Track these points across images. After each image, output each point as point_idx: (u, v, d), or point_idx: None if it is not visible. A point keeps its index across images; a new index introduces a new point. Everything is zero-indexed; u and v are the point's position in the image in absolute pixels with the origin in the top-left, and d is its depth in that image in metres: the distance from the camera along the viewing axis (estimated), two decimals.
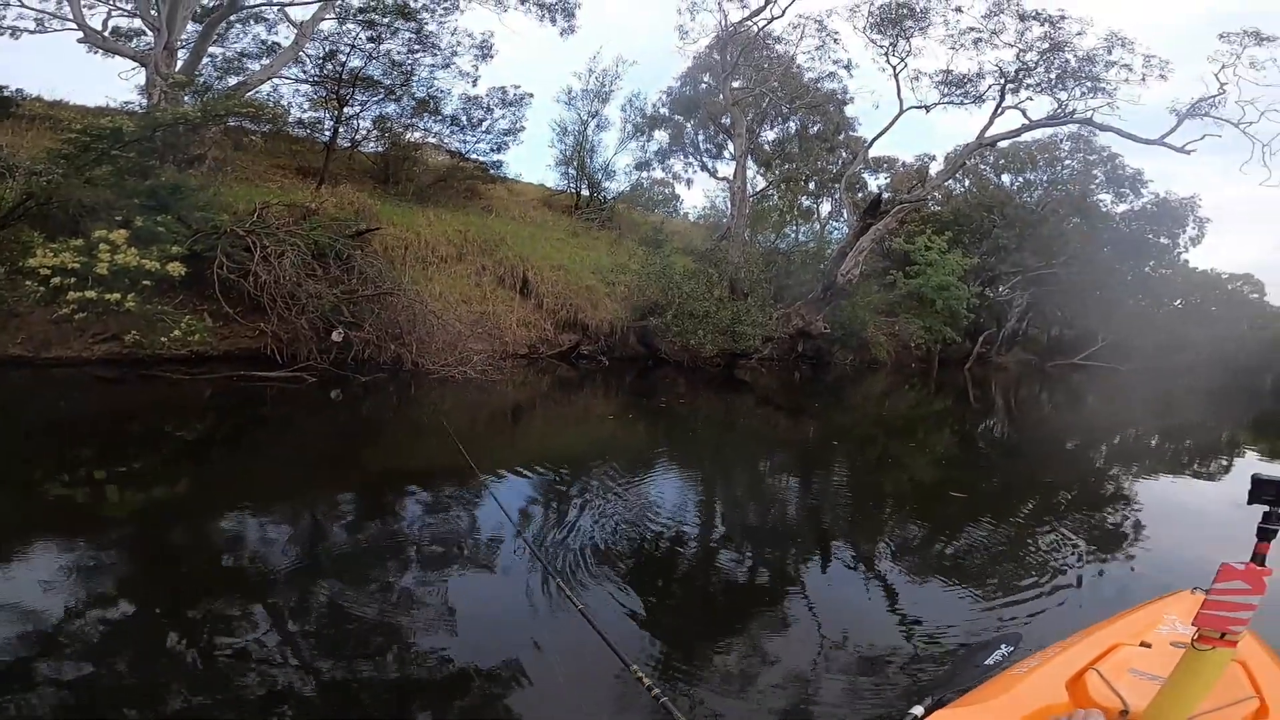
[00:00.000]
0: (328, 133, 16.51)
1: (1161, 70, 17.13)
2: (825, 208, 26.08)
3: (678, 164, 25.39)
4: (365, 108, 17.09)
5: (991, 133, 19.09)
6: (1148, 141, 17.73)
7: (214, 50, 15.12)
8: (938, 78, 19.07)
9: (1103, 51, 17.21)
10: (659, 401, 11.45)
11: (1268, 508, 1.51)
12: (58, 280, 7.97)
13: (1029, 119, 18.56)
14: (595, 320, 14.83)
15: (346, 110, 16.42)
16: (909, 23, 18.34)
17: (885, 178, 26.69)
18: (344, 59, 15.71)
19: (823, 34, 20.53)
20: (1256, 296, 33.90)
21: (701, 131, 24.18)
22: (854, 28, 21.02)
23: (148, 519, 4.16)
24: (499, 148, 19.09)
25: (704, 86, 22.87)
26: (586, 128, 21.78)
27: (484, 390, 10.01)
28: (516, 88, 18.47)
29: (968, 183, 26.79)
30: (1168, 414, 15.80)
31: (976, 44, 18.17)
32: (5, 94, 12.12)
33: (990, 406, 15.71)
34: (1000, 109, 18.55)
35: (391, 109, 17.37)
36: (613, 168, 22.98)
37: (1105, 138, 21.73)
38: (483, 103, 18.30)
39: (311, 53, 15.62)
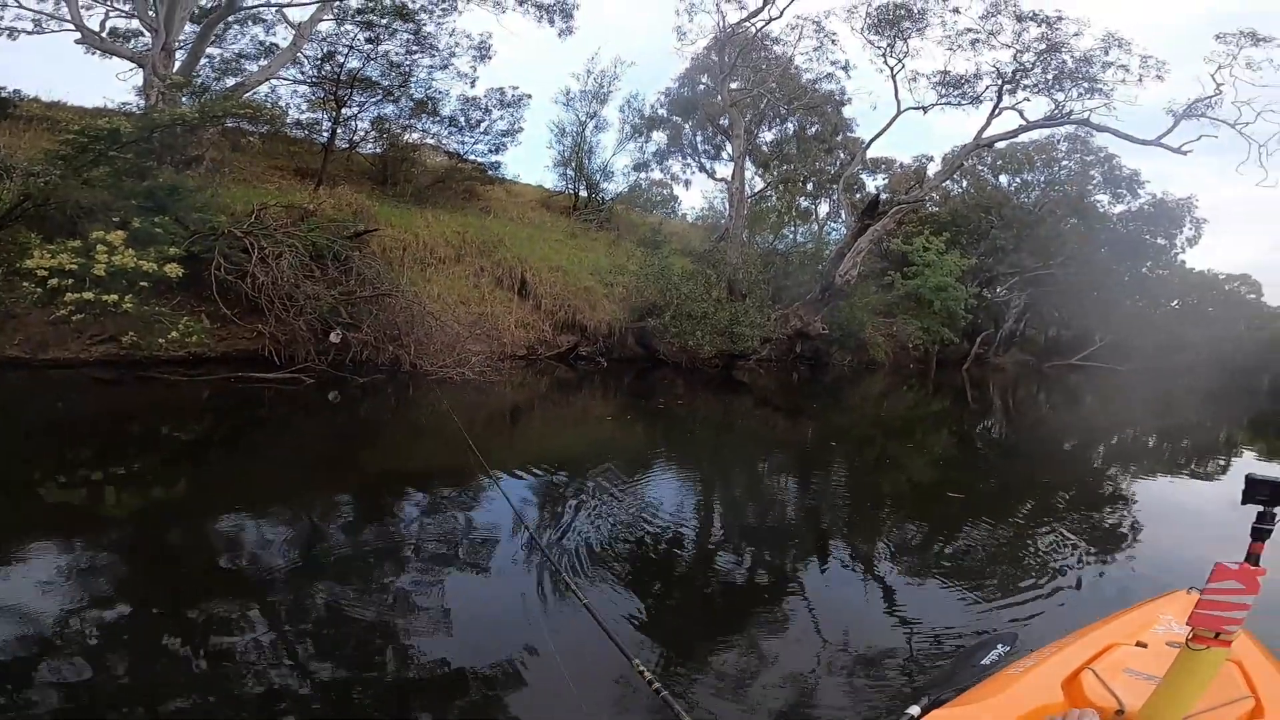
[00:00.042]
0: (326, 134, 16.54)
1: (1158, 71, 17.22)
2: (823, 208, 26.18)
3: (676, 165, 25.48)
4: (363, 109, 17.13)
5: (989, 134, 19.17)
6: (1144, 142, 17.81)
7: (212, 51, 15.15)
8: (935, 79, 19.17)
9: (1099, 52, 17.31)
10: (657, 402, 11.45)
11: (1262, 507, 1.52)
12: (55, 281, 7.97)
13: (1026, 120, 18.65)
14: (593, 321, 14.83)
15: (344, 111, 16.43)
16: (906, 24, 18.40)
17: (883, 179, 26.78)
18: (342, 60, 15.75)
19: (821, 35, 20.64)
20: (1254, 297, 33.98)
21: (699, 132, 24.24)
22: (852, 29, 21.22)
23: (146, 520, 4.15)
24: (497, 149, 19.14)
25: (702, 88, 22.91)
26: (585, 129, 21.84)
27: (482, 391, 10.01)
28: (515, 89, 18.51)
29: (965, 183, 26.83)
30: (1165, 414, 15.82)
31: (974, 45, 18.26)
32: (3, 95, 12.12)
33: (988, 407, 15.72)
34: (997, 110, 18.62)
35: (389, 110, 17.42)
36: (611, 169, 23.04)
37: (1102, 138, 21.79)
38: (481, 104, 18.34)
39: (309, 54, 15.66)
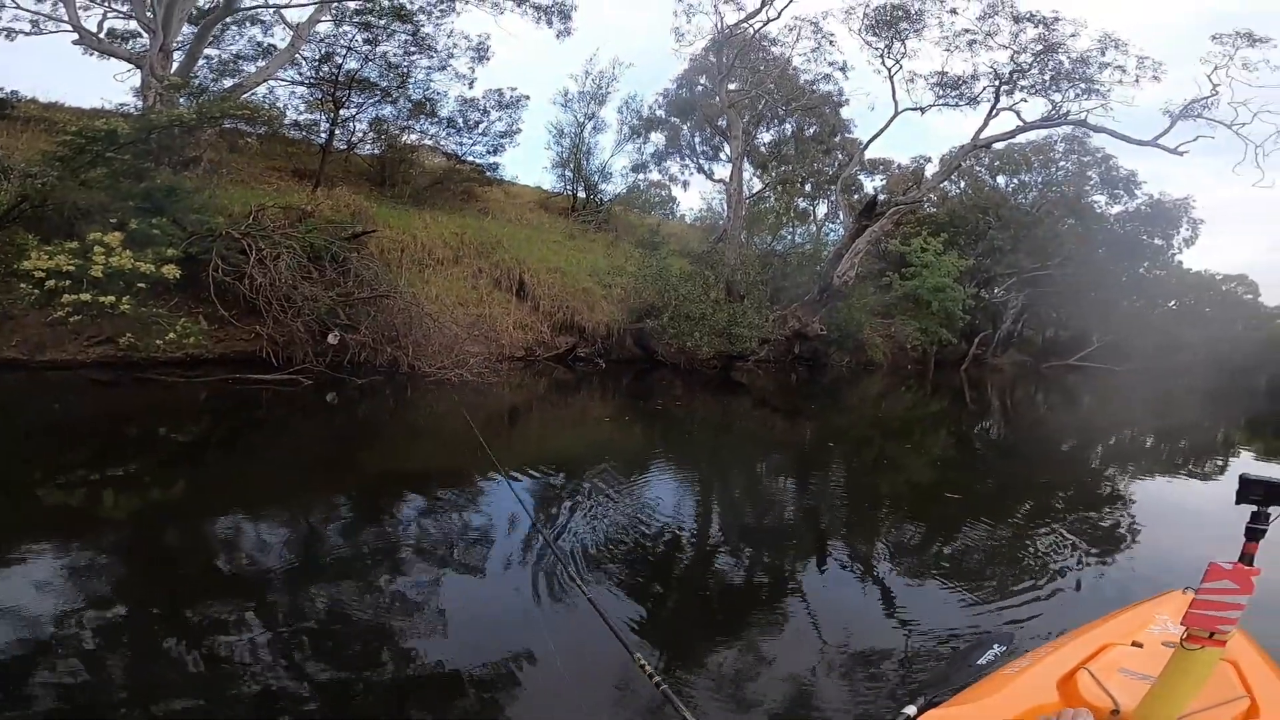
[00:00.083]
0: (324, 135, 16.53)
1: (1155, 72, 17.26)
2: (821, 209, 26.19)
3: (674, 166, 25.52)
4: (361, 110, 17.14)
5: (986, 134, 19.20)
6: (1141, 143, 17.84)
7: (210, 52, 15.13)
8: (933, 79, 19.19)
9: (1096, 53, 17.35)
10: (655, 404, 11.45)
11: (1256, 507, 1.52)
12: (52, 283, 7.95)
13: (1023, 121, 18.68)
14: (592, 323, 14.84)
15: (343, 112, 16.44)
16: (904, 25, 18.43)
17: (881, 179, 26.81)
18: (340, 61, 15.76)
19: (818, 36, 20.67)
20: (1250, 297, 34.04)
21: (698, 133, 24.27)
22: (849, 30, 21.06)
23: (143, 522, 4.15)
24: (495, 150, 19.16)
25: (700, 89, 22.95)
26: (583, 130, 21.84)
27: (480, 393, 10.00)
28: (513, 90, 18.53)
29: (963, 184, 26.88)
30: (1163, 415, 15.85)
31: (971, 46, 18.29)
32: (1, 96, 12.11)
33: (986, 408, 15.74)
34: (995, 111, 18.66)
35: (388, 111, 17.43)
36: (609, 170, 23.06)
37: (1099, 139, 21.82)
38: (479, 105, 18.35)
39: (307, 55, 15.65)
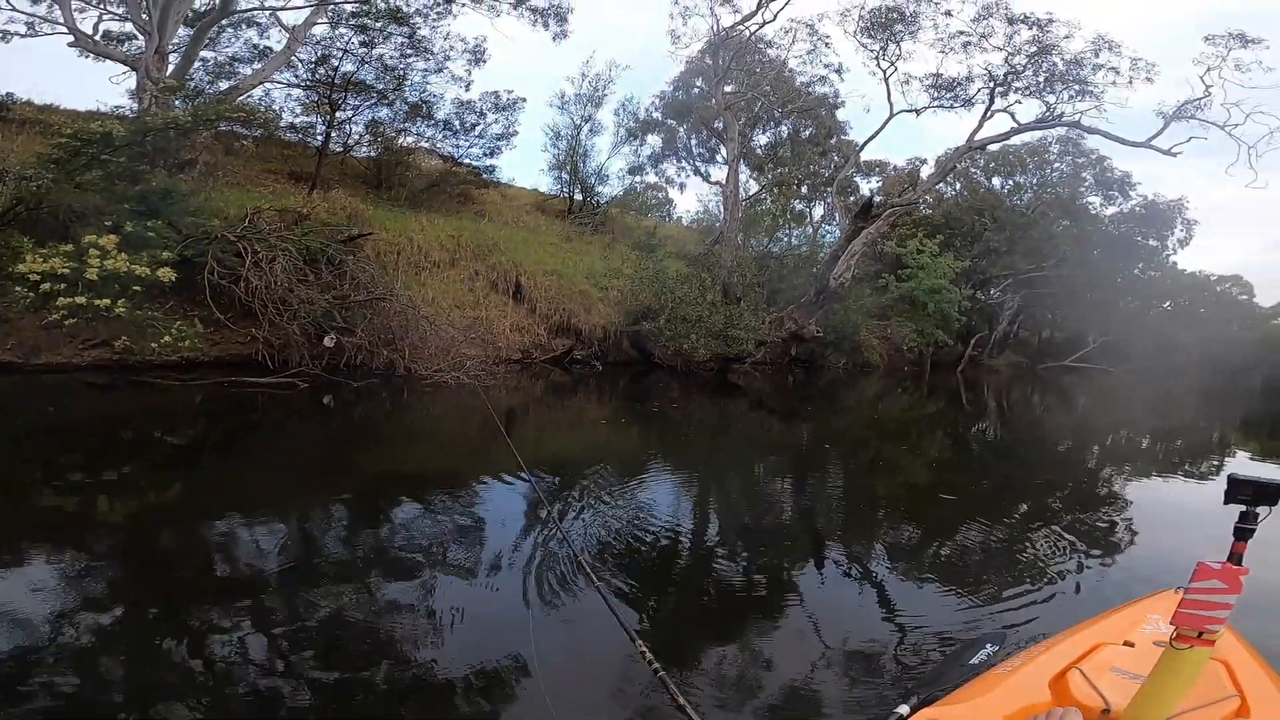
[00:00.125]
0: (320, 137, 16.53)
1: (1148, 73, 17.35)
2: (818, 211, 26.28)
3: (671, 168, 25.57)
4: (358, 112, 17.16)
5: (981, 136, 19.26)
6: (1135, 144, 17.90)
7: (205, 54, 15.11)
8: (928, 81, 19.26)
9: (1090, 54, 17.41)
10: (652, 406, 11.45)
11: (1244, 507, 1.53)
12: (47, 286, 7.93)
13: (1018, 122, 18.74)
14: (588, 325, 14.84)
15: (339, 115, 16.45)
16: (899, 27, 18.49)
17: (877, 181, 26.89)
18: (336, 63, 15.75)
19: (814, 38, 20.72)
20: (1245, 298, 34.23)
21: (694, 136, 24.30)
22: (845, 32, 21.20)
23: (139, 525, 4.14)
24: (492, 152, 19.18)
25: (696, 91, 22.99)
26: (579, 132, 21.89)
27: (477, 395, 9.99)
28: (510, 92, 18.57)
29: (958, 186, 26.98)
30: (1159, 415, 15.89)
31: (966, 48, 18.35)
32: None
33: (982, 409, 15.76)
34: (989, 112, 18.72)
35: (384, 113, 17.46)
36: (606, 172, 23.15)
37: (1094, 141, 21.98)
38: (476, 107, 18.38)
39: (304, 57, 15.66)
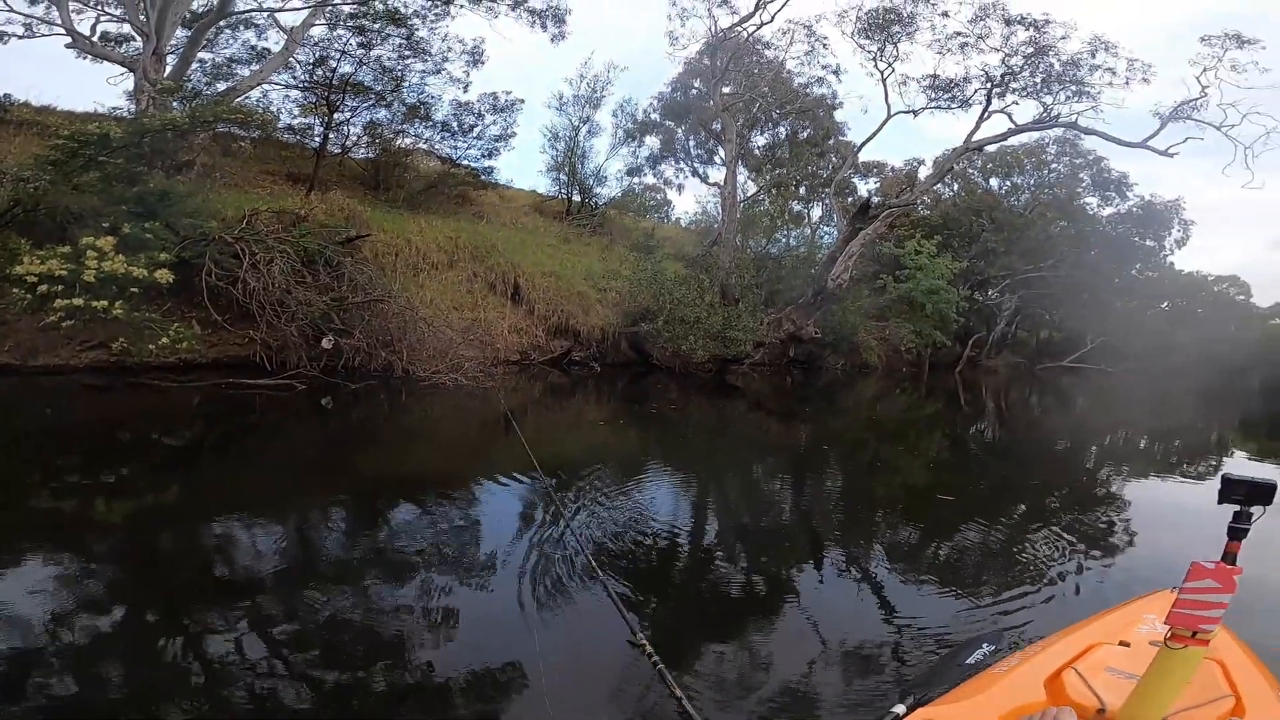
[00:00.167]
0: (318, 139, 16.49)
1: (1144, 74, 17.32)
2: (816, 212, 26.28)
3: (669, 169, 25.50)
4: (356, 114, 17.12)
5: (978, 137, 19.26)
6: (1131, 145, 17.90)
7: (203, 56, 15.06)
8: (925, 82, 19.21)
9: (1086, 55, 17.39)
10: (650, 407, 11.46)
11: (1238, 507, 1.54)
12: (45, 288, 7.93)
13: (1015, 123, 18.72)
14: (587, 326, 14.84)
15: (337, 116, 16.42)
16: (896, 28, 18.47)
17: (875, 182, 26.89)
18: (334, 65, 15.73)
19: (811, 39, 20.69)
20: (1243, 298, 34.25)
21: (692, 137, 24.28)
22: (842, 33, 21.06)
23: (137, 527, 4.14)
24: (490, 154, 19.12)
25: (694, 92, 22.98)
26: (578, 133, 21.86)
27: (475, 397, 9.99)
28: (508, 93, 18.52)
29: (956, 187, 27.01)
30: (1157, 415, 15.92)
31: (963, 49, 18.31)
32: None
33: (980, 410, 15.78)
34: (987, 113, 18.71)
35: (382, 115, 17.40)
36: (604, 173, 23.12)
37: (1091, 141, 21.92)
38: (474, 108, 18.34)
39: (302, 58, 15.63)
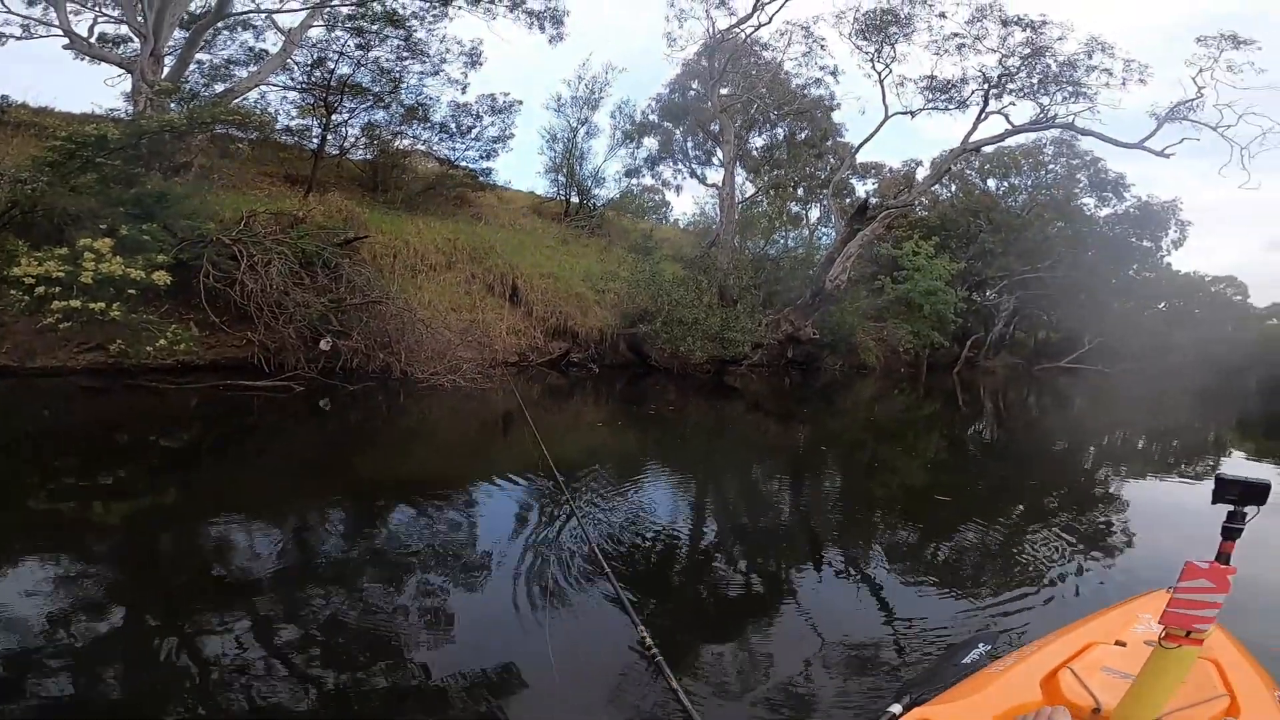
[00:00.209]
0: (316, 140, 16.47)
1: (1141, 74, 17.35)
2: (814, 214, 26.27)
3: (667, 171, 25.48)
4: (354, 115, 17.10)
5: (976, 138, 19.29)
6: (1128, 145, 17.92)
7: (201, 57, 15.04)
8: (922, 83, 19.24)
9: (1083, 56, 17.42)
10: (649, 409, 11.46)
11: (1232, 507, 1.55)
12: (42, 289, 7.91)
13: (1012, 124, 18.75)
14: (585, 328, 14.84)
15: (335, 117, 16.39)
16: (893, 29, 18.49)
17: (872, 183, 26.96)
18: (332, 66, 15.71)
19: (809, 40, 20.68)
20: (1239, 298, 34.34)
21: (690, 138, 24.28)
22: (840, 34, 21.04)
23: (135, 529, 4.13)
24: (488, 155, 19.08)
25: (693, 93, 23.00)
26: (576, 135, 21.84)
27: (473, 398, 9.99)
28: (506, 95, 18.50)
29: (954, 188, 27.04)
30: (1154, 416, 15.95)
31: (960, 49, 18.33)
32: None
33: (978, 410, 15.80)
34: (984, 114, 18.74)
35: (380, 116, 17.39)
36: (602, 175, 23.08)
37: (1087, 142, 21.98)
38: (472, 110, 18.32)
39: (299, 60, 15.61)
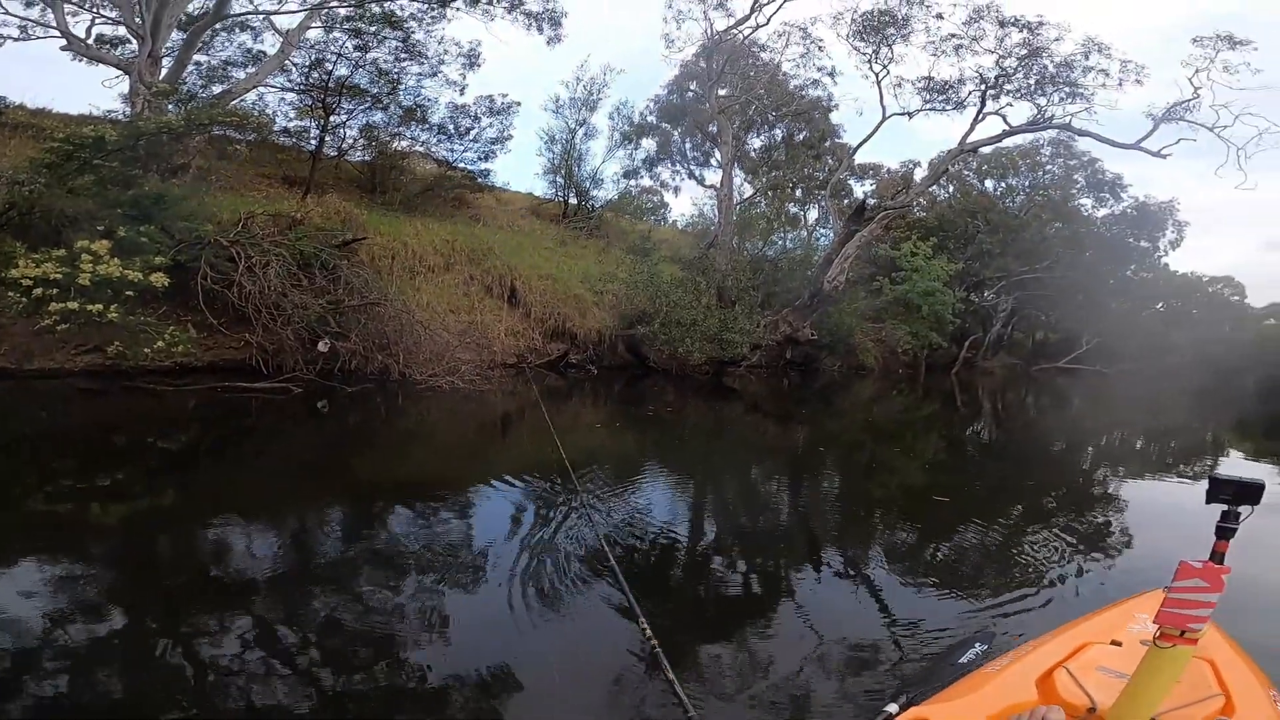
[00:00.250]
0: (314, 141, 16.46)
1: (1137, 75, 17.40)
2: (812, 214, 26.31)
3: (665, 172, 25.50)
4: (352, 116, 17.08)
5: (973, 138, 19.32)
6: (1125, 146, 17.97)
7: (199, 58, 15.03)
8: (920, 84, 19.29)
9: (1080, 57, 17.47)
10: (647, 410, 11.46)
11: (1225, 506, 1.55)
12: (40, 291, 7.89)
13: (1009, 125, 18.80)
14: (583, 329, 14.84)
15: (333, 119, 16.38)
16: (891, 30, 18.53)
17: (870, 184, 26.98)
18: (330, 67, 15.71)
19: (807, 42, 20.74)
20: (1237, 299, 34.41)
21: (689, 139, 24.30)
22: (837, 35, 21.21)
23: (133, 531, 4.13)
24: (486, 156, 19.06)
25: (691, 95, 23.02)
26: (574, 136, 21.82)
27: (471, 400, 9.99)
28: (504, 96, 18.50)
29: (951, 188, 27.08)
30: (1152, 416, 15.97)
31: (957, 50, 18.39)
32: None
33: (977, 411, 15.82)
34: (981, 115, 18.78)
35: (378, 118, 17.37)
36: (600, 176, 23.04)
37: (1085, 143, 22.05)
38: (470, 111, 18.32)
39: (297, 61, 15.60)
